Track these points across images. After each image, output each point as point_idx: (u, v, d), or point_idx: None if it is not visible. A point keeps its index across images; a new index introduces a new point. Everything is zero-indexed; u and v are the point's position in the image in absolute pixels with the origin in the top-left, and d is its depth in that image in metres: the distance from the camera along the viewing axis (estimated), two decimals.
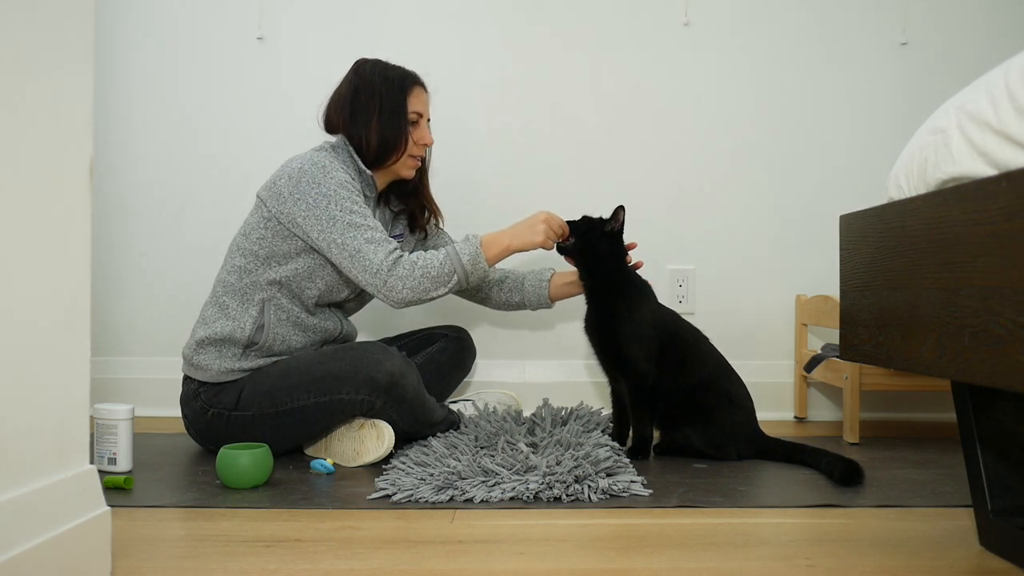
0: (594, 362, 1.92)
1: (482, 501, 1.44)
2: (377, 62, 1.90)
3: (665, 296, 2.44)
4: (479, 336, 2.35)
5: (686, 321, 1.93)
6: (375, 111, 1.84)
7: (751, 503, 1.47)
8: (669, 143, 2.50)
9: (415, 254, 1.76)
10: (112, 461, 1.65)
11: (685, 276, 2.48)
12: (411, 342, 2.13)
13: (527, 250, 1.84)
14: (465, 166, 2.47)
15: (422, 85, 1.93)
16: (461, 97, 2.46)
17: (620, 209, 1.88)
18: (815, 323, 2.33)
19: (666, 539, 1.26)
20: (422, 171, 2.01)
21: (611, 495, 1.49)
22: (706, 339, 1.91)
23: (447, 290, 1.77)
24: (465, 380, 2.39)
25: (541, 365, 2.48)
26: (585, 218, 1.91)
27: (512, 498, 1.46)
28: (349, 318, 2.03)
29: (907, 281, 1.07)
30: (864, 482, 1.59)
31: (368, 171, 1.87)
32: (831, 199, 2.45)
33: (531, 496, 1.46)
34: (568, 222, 1.89)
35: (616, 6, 2.48)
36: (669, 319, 1.89)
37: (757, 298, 2.49)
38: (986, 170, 0.95)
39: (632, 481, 1.53)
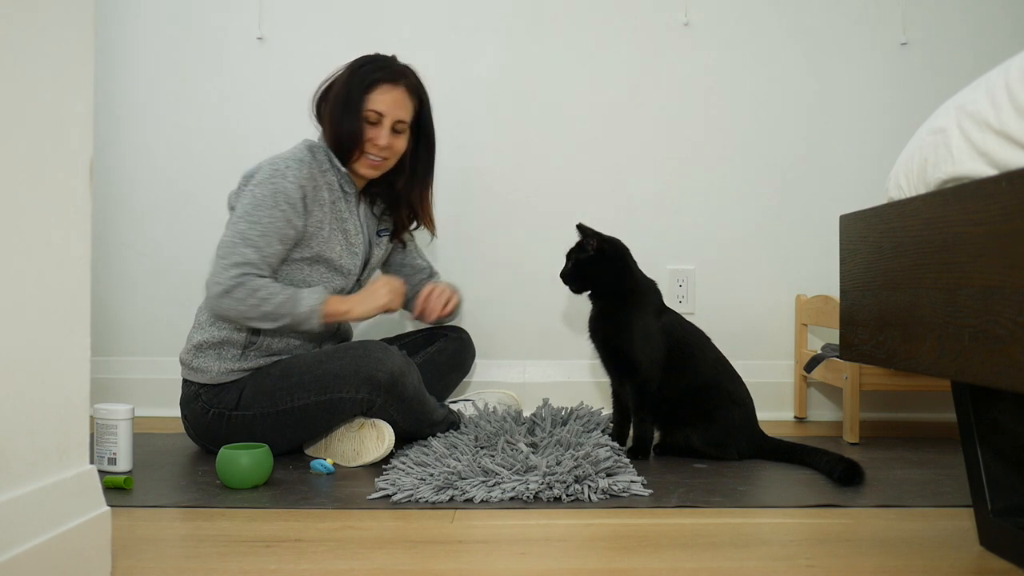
0: (594, 362, 1.92)
1: (482, 501, 1.44)
2: (373, 58, 1.88)
3: (665, 296, 2.43)
4: (479, 336, 2.34)
5: (689, 322, 1.93)
6: (334, 104, 1.84)
7: (751, 503, 1.47)
8: (669, 143, 2.50)
9: (263, 281, 1.70)
10: (112, 461, 1.65)
11: (685, 276, 2.48)
12: (411, 342, 2.12)
13: (371, 316, 1.81)
14: (465, 167, 2.47)
15: (398, 85, 1.86)
16: (461, 97, 2.46)
17: (579, 230, 1.88)
18: (815, 323, 2.33)
19: (666, 539, 1.26)
20: (409, 177, 1.96)
21: (611, 495, 1.49)
22: (709, 340, 1.91)
23: (272, 327, 1.73)
24: (465, 380, 2.39)
25: (541, 365, 2.48)
26: (570, 255, 1.89)
27: (512, 498, 1.46)
28: None
29: (907, 281, 1.07)
30: (864, 482, 1.59)
31: (343, 168, 1.86)
32: (831, 199, 2.45)
33: (531, 496, 1.46)
34: (562, 274, 1.89)
35: (616, 6, 2.48)
36: (675, 321, 1.89)
37: (757, 298, 2.49)
38: (986, 170, 0.95)
39: (632, 481, 1.53)
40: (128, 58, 2.45)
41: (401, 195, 1.98)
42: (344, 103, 1.83)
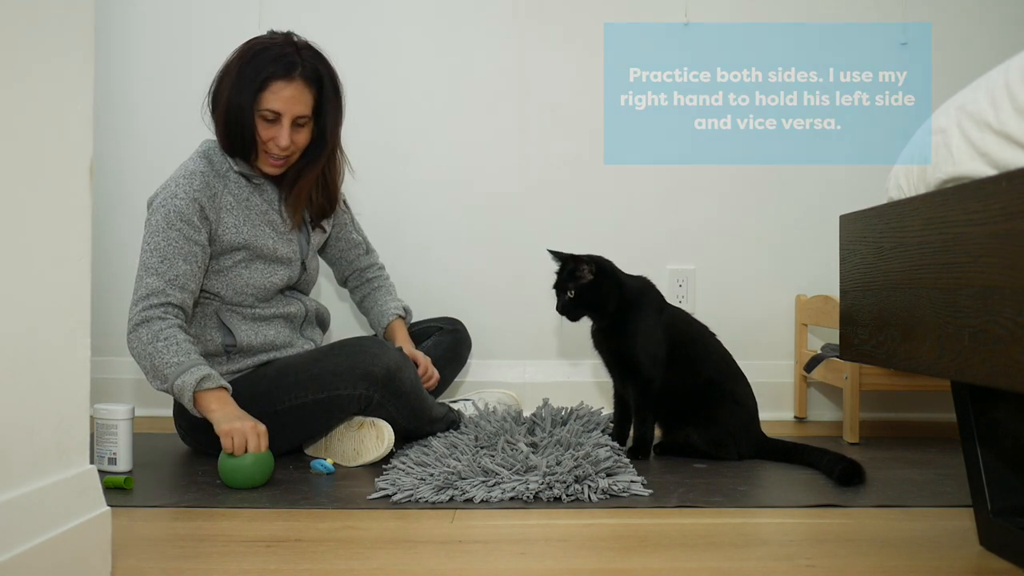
0: (595, 362, 1.92)
1: (482, 501, 1.44)
2: (256, 43, 1.75)
3: (665, 296, 2.43)
4: (478, 335, 2.34)
5: (694, 319, 1.93)
6: (226, 106, 1.73)
7: (751, 503, 1.47)
8: (669, 142, 2.49)
9: (172, 332, 1.63)
10: (112, 461, 1.65)
11: (685, 276, 2.48)
12: None
13: (224, 434, 1.56)
14: (464, 166, 2.47)
15: (292, 79, 1.72)
16: (459, 97, 2.46)
17: (559, 257, 1.83)
18: (815, 323, 2.33)
19: (666, 539, 1.26)
20: (303, 168, 1.84)
21: (611, 495, 1.49)
22: (713, 336, 1.90)
23: (151, 384, 1.66)
24: (464, 379, 2.39)
25: (541, 365, 2.48)
26: (562, 286, 1.82)
27: (512, 498, 1.46)
28: (310, 295, 2.01)
29: (907, 281, 1.07)
30: (864, 482, 1.59)
31: (236, 167, 1.78)
32: (831, 199, 2.44)
33: (531, 496, 1.46)
34: (561, 309, 1.82)
35: (616, 5, 2.48)
36: (677, 319, 1.89)
37: (757, 298, 2.48)
38: (986, 170, 0.95)
39: (632, 481, 1.53)
40: (128, 58, 2.45)
41: (292, 185, 1.85)
42: (237, 106, 1.71)
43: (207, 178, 1.75)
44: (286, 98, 1.72)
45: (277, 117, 1.73)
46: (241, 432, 1.55)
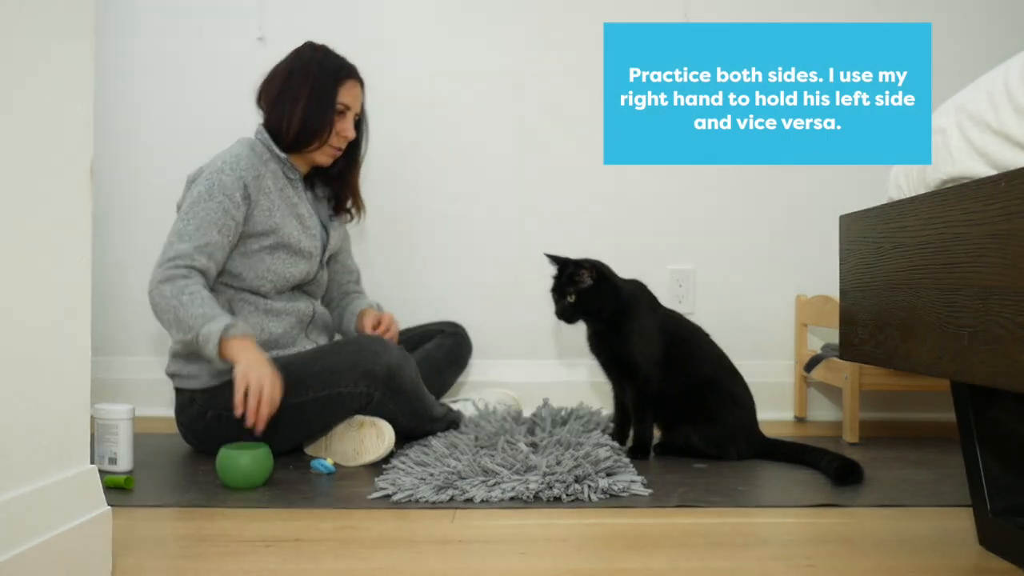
0: (594, 362, 1.92)
1: (482, 501, 1.44)
2: (319, 47, 1.92)
3: (665, 296, 2.43)
4: (478, 336, 2.34)
5: (687, 320, 1.93)
6: (304, 95, 1.86)
7: (751, 503, 1.48)
8: None
9: (197, 288, 1.68)
10: (112, 461, 1.65)
11: (685, 276, 2.48)
12: (407, 339, 2.13)
13: (244, 378, 1.63)
14: (464, 166, 2.47)
15: (358, 80, 1.93)
16: (460, 98, 2.46)
17: (556, 261, 1.83)
18: (815, 323, 2.33)
19: (666, 539, 1.26)
20: (351, 162, 2.01)
21: (611, 495, 1.49)
22: (707, 337, 1.91)
23: (174, 336, 1.71)
24: (464, 380, 2.39)
25: (541, 365, 2.48)
26: (561, 290, 1.81)
27: (512, 498, 1.46)
28: (319, 300, 2.04)
29: (907, 281, 1.08)
30: (863, 481, 1.59)
31: (283, 155, 1.88)
32: (831, 199, 2.44)
33: (531, 496, 1.46)
34: (560, 313, 1.82)
35: (616, 5, 2.48)
36: (670, 320, 1.89)
37: (757, 298, 2.48)
38: (986, 170, 0.95)
39: (632, 481, 1.53)
40: (128, 58, 2.45)
41: (339, 178, 2.02)
42: (318, 96, 1.86)
43: (252, 160, 1.83)
44: (356, 94, 1.92)
45: (346, 111, 1.90)
46: (257, 383, 1.62)
